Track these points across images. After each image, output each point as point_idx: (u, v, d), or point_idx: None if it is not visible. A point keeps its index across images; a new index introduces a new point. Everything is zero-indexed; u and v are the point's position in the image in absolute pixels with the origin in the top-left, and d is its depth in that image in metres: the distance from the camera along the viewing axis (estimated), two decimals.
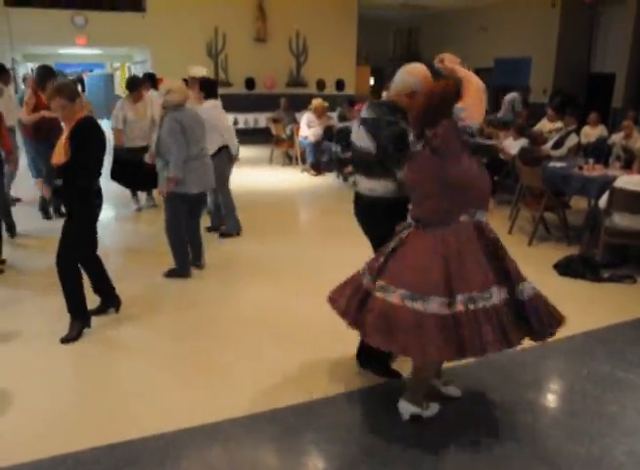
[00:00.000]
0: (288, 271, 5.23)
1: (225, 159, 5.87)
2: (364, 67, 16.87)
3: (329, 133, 10.23)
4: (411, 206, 2.87)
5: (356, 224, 3.34)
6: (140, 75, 8.25)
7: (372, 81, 17.80)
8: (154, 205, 7.49)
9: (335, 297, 2.99)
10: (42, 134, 6.42)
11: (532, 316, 2.69)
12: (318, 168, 10.32)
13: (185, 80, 6.38)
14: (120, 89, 20.06)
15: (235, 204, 6.21)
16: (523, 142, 7.82)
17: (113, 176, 7.58)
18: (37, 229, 6.36)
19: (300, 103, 13.16)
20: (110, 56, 17.84)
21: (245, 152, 6.07)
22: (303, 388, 3.26)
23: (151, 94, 7.32)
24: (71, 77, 21.52)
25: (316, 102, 10.35)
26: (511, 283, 2.70)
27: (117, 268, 5.12)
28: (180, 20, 13.02)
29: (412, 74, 3.00)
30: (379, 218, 3.12)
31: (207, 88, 5.82)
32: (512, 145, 7.81)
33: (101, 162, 3.81)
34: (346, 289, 2.94)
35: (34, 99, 6.55)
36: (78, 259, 3.86)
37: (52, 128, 6.31)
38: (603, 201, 5.34)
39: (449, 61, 2.88)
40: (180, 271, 5.00)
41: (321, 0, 14.35)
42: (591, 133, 9.41)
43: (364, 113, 3.12)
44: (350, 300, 2.86)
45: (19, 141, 7.45)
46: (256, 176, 9.96)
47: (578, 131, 8.92)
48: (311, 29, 14.42)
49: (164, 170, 4.76)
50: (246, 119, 13.93)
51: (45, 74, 6.43)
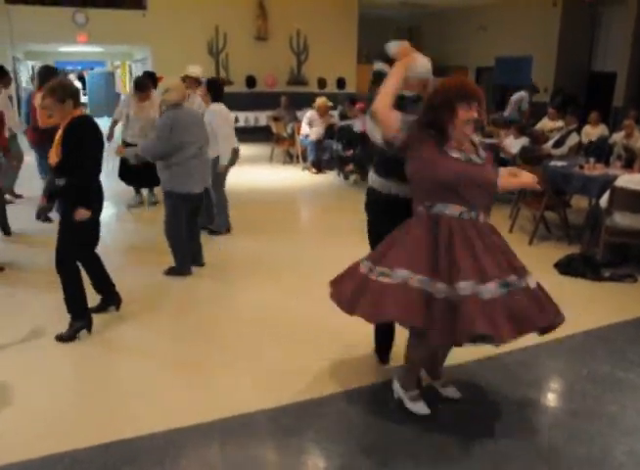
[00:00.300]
0: (288, 270, 5.23)
1: (229, 160, 5.94)
2: (365, 65, 16.84)
3: (330, 131, 10.23)
4: None
5: (357, 223, 3.34)
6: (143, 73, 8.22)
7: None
8: (155, 201, 7.49)
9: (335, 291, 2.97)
10: (46, 136, 6.41)
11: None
12: (319, 167, 10.32)
13: (183, 79, 6.37)
14: (121, 87, 20.08)
15: (228, 202, 6.20)
16: (523, 141, 7.82)
17: (120, 175, 7.58)
18: (39, 227, 6.35)
19: (301, 101, 13.14)
20: (110, 54, 17.82)
21: (245, 150, 6.07)
22: (303, 387, 3.26)
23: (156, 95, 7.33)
24: (72, 75, 21.57)
25: (320, 101, 10.33)
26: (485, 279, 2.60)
27: (118, 267, 5.11)
28: (181, 18, 13.02)
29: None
30: (385, 216, 3.12)
31: (215, 90, 5.82)
32: (513, 144, 7.80)
33: (98, 160, 3.72)
34: (346, 282, 2.92)
35: None
36: (77, 259, 3.82)
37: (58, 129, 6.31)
38: (604, 200, 5.34)
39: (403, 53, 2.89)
40: (180, 270, 4.99)
41: None
42: (592, 132, 9.40)
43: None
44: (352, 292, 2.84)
45: (23, 145, 7.46)
46: (257, 175, 9.95)
47: (579, 130, 8.92)
48: (312, 28, 14.40)
49: (165, 171, 4.76)
50: (246, 118, 13.92)
51: (47, 74, 6.41)
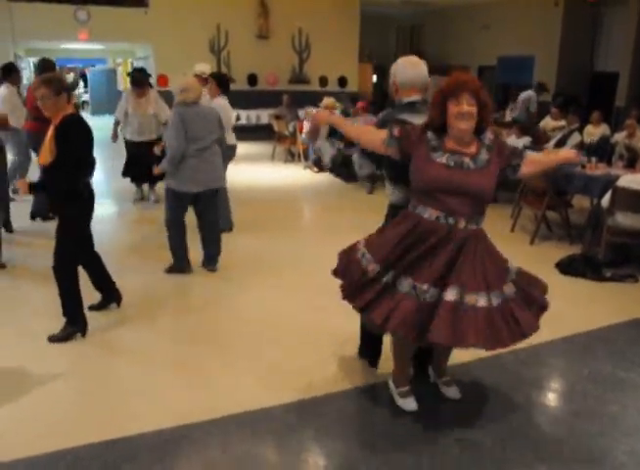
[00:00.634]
0: (289, 269, 5.22)
1: (226, 158, 5.88)
2: (366, 64, 16.83)
3: (332, 130, 10.23)
4: None
5: (358, 221, 3.34)
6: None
7: (374, 78, 17.76)
8: (156, 200, 7.48)
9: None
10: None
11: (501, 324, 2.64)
12: (320, 165, 10.31)
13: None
14: (123, 85, 20.07)
15: (229, 200, 6.18)
16: (525, 140, 7.81)
17: (123, 173, 7.57)
18: (42, 225, 6.34)
19: (303, 100, 13.13)
20: (112, 51, 17.82)
21: (247, 148, 6.06)
22: (303, 385, 3.26)
23: (154, 91, 7.31)
24: (73, 73, 21.56)
25: (328, 101, 10.35)
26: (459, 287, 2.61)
27: (119, 265, 5.11)
28: (182, 16, 13.00)
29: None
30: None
31: (223, 84, 5.90)
32: (514, 143, 7.79)
33: (88, 160, 3.62)
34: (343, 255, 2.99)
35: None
36: (75, 262, 3.74)
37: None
38: (605, 200, 5.33)
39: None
40: (177, 267, 4.99)
41: None
42: (594, 132, 9.39)
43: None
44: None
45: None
46: (258, 173, 9.94)
47: (581, 130, 8.90)
48: (314, 26, 14.38)
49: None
50: (248, 116, 13.90)
51: (45, 67, 6.40)
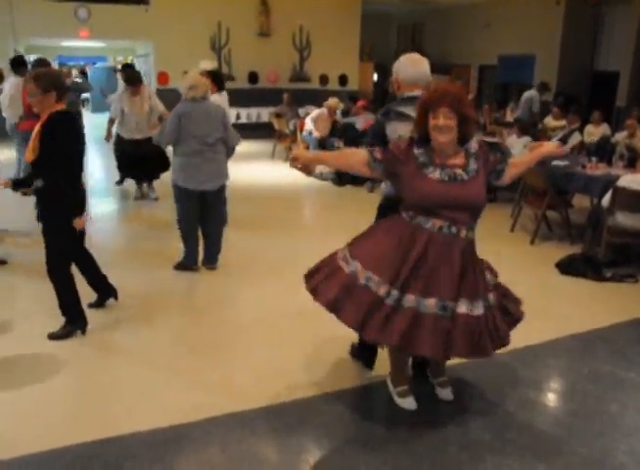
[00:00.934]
0: (290, 267, 5.19)
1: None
2: (367, 62, 16.82)
3: (332, 129, 10.27)
4: None
5: (359, 220, 3.34)
6: (141, 69, 8.22)
7: (375, 77, 17.75)
8: (156, 198, 7.48)
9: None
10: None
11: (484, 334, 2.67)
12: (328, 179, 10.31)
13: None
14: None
15: (228, 197, 6.15)
16: (526, 140, 7.80)
17: (118, 167, 7.60)
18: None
19: (303, 98, 13.12)
20: (113, 49, 17.82)
21: (247, 147, 6.05)
22: (303, 384, 3.27)
23: (147, 88, 7.32)
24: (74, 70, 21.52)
25: (332, 102, 10.41)
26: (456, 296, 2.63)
27: (119, 263, 5.12)
28: (183, 14, 12.99)
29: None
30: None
31: (218, 81, 5.92)
32: (515, 143, 7.79)
33: (76, 158, 3.53)
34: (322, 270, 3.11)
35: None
36: (68, 262, 3.70)
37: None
38: (606, 200, 5.33)
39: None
40: (185, 263, 5.01)
41: None
42: (594, 132, 9.38)
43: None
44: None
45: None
46: (259, 171, 9.92)
47: (582, 130, 8.90)
48: (315, 25, 14.37)
49: (174, 161, 4.81)
50: (248, 114, 13.90)
51: (39, 66, 6.44)
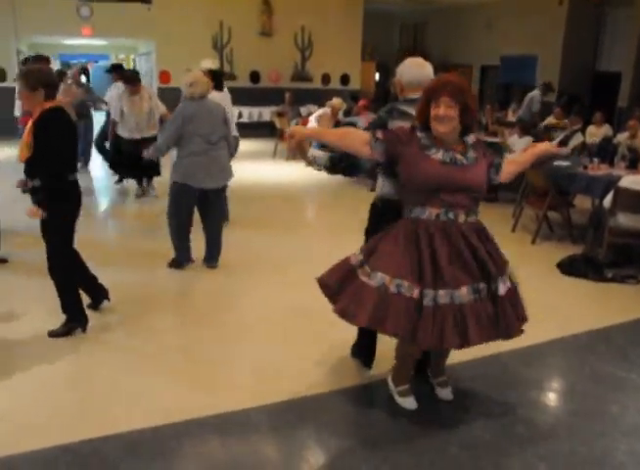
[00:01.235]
0: (291, 266, 5.22)
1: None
2: (369, 62, 16.81)
3: (335, 127, 10.28)
4: None
5: (360, 219, 3.34)
6: (143, 69, 8.22)
7: (377, 76, 17.74)
8: (156, 195, 7.48)
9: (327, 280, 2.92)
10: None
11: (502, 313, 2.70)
12: (322, 168, 10.32)
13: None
14: None
15: (229, 195, 6.15)
16: (527, 140, 7.80)
17: (111, 166, 7.63)
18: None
19: (305, 97, 13.12)
20: (115, 47, 17.80)
21: (248, 146, 6.06)
22: (305, 383, 3.26)
23: (149, 88, 7.34)
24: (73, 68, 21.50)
25: (336, 102, 10.45)
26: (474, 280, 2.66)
27: (119, 262, 5.12)
28: (186, 12, 13.00)
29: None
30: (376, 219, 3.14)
31: (217, 79, 5.91)
32: (516, 143, 7.79)
33: (68, 156, 3.50)
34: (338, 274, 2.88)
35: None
36: (70, 261, 3.68)
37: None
38: (607, 200, 5.33)
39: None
40: (176, 262, 5.00)
41: None
42: (596, 133, 9.37)
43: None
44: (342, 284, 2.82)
45: None
46: (260, 170, 9.92)
47: (583, 131, 8.89)
48: (317, 24, 14.36)
49: (175, 160, 4.80)
50: (250, 113, 13.90)
51: (36, 62, 6.47)
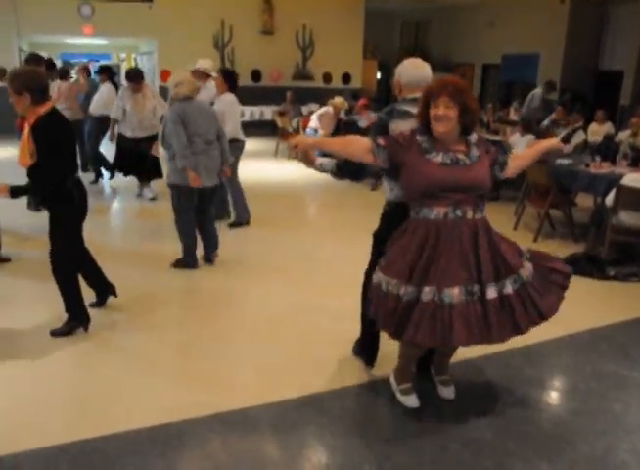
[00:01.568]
0: (294, 265, 5.21)
1: (237, 151, 5.98)
2: (371, 60, 16.79)
3: (336, 127, 10.33)
4: None
5: (361, 218, 3.33)
6: (144, 68, 8.21)
7: (378, 75, 17.72)
8: (153, 197, 7.42)
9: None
10: None
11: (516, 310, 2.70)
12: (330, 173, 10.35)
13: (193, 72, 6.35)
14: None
15: (243, 192, 6.24)
16: (529, 138, 7.78)
17: (115, 166, 7.60)
18: (34, 217, 6.28)
19: (306, 96, 13.10)
20: (116, 46, 17.79)
21: (250, 145, 6.08)
22: (305, 382, 3.26)
23: (151, 86, 7.33)
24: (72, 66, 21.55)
25: (338, 101, 10.46)
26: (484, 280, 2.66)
27: (121, 261, 5.12)
28: (187, 11, 13.00)
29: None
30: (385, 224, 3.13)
31: (231, 81, 5.92)
32: (518, 141, 7.77)
33: (69, 159, 3.50)
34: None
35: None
36: (73, 261, 3.69)
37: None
38: (609, 198, 5.32)
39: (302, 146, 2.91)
40: (185, 262, 4.99)
41: None
42: (598, 131, 9.36)
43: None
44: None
45: None
46: (262, 169, 9.93)
47: (585, 129, 8.87)
48: (318, 23, 14.35)
49: (171, 162, 4.76)
50: (251, 112, 13.88)
51: (31, 62, 6.45)
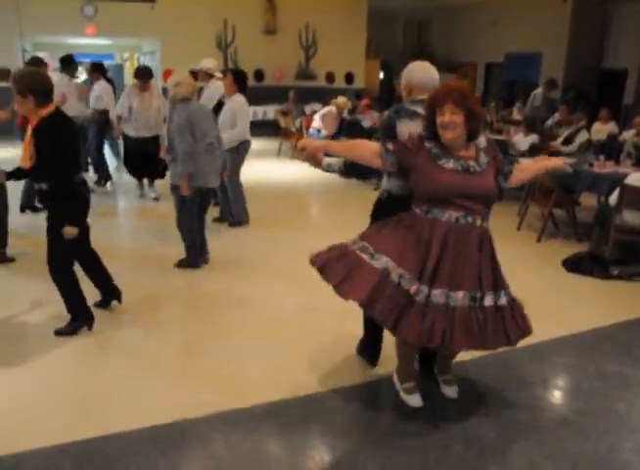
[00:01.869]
0: (297, 264, 5.16)
1: (243, 152, 6.05)
2: (373, 60, 16.78)
3: (339, 126, 10.36)
4: None
5: (364, 218, 3.34)
6: (150, 66, 8.17)
7: (381, 75, 17.70)
8: (156, 198, 7.43)
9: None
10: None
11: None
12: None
13: (193, 73, 6.35)
14: (129, 79, 20.07)
15: (244, 193, 6.26)
16: (533, 138, 7.78)
17: (125, 162, 7.61)
18: (32, 217, 6.28)
19: (309, 95, 13.09)
20: (119, 46, 17.80)
21: (253, 144, 6.11)
22: (309, 381, 3.27)
23: (155, 85, 7.33)
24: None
25: (342, 101, 10.49)
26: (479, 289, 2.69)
27: (123, 262, 5.13)
28: (190, 11, 13.00)
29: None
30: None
31: (241, 81, 5.92)
32: (522, 141, 7.76)
33: (72, 159, 3.52)
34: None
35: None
36: (70, 261, 3.68)
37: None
38: (613, 198, 5.31)
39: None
40: (190, 262, 5.00)
41: None
42: (602, 130, 9.33)
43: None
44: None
45: None
46: (265, 169, 9.93)
47: (589, 128, 8.85)
48: (321, 22, 14.34)
49: (173, 164, 4.76)
50: (254, 112, 13.86)
51: (32, 65, 6.49)
